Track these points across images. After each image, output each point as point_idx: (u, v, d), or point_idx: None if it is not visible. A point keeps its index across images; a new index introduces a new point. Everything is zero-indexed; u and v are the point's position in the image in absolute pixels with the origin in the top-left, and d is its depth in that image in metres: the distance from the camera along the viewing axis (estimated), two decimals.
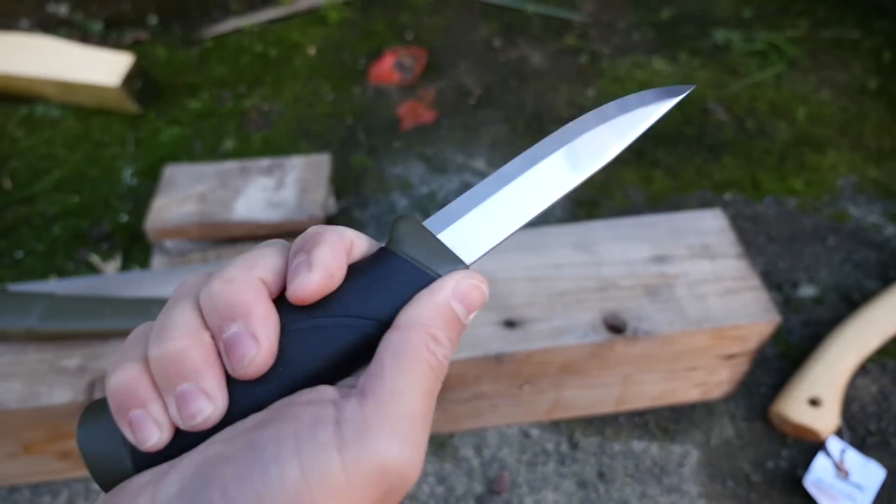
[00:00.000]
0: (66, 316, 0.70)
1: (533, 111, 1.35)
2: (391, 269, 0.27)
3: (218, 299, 0.25)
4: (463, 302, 0.27)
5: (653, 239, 0.83)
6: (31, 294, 0.70)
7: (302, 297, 0.25)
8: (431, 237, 0.29)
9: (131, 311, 0.72)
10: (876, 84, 1.38)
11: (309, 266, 0.26)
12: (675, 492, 0.82)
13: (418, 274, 0.27)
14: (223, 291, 0.25)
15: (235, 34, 1.57)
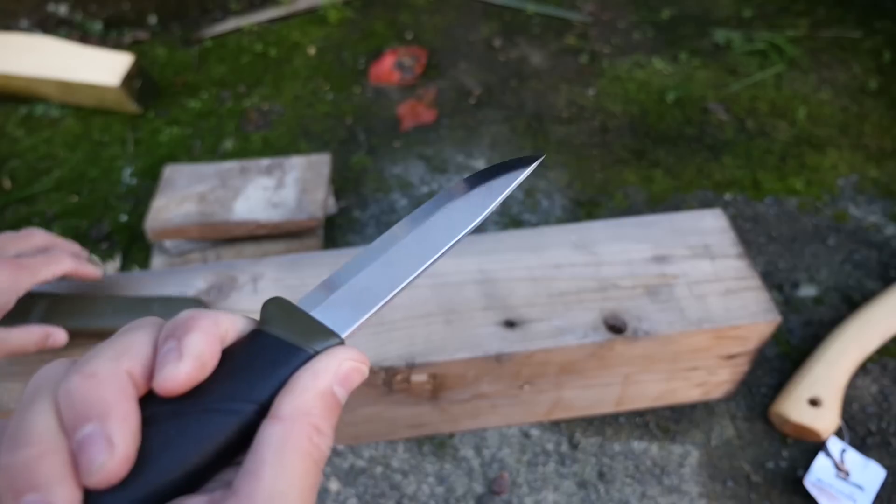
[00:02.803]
0: (67, 315, 0.70)
1: (533, 111, 1.35)
2: (265, 349, 0.26)
3: (75, 396, 0.23)
4: (343, 385, 0.26)
5: (653, 239, 0.83)
6: (32, 294, 0.70)
7: (169, 389, 0.24)
8: (303, 314, 0.28)
9: (132, 309, 0.72)
10: (876, 84, 1.38)
11: (178, 355, 0.24)
12: (676, 492, 0.82)
13: (294, 351, 0.26)
14: (81, 387, 0.23)
15: (235, 34, 1.57)
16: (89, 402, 0.23)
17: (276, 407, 0.25)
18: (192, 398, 0.24)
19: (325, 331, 0.28)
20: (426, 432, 0.86)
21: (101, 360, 0.24)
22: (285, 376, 0.26)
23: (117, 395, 0.23)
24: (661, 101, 1.36)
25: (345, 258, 0.81)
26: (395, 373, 0.73)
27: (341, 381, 0.26)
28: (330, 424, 0.25)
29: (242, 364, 0.26)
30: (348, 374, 0.26)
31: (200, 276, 0.79)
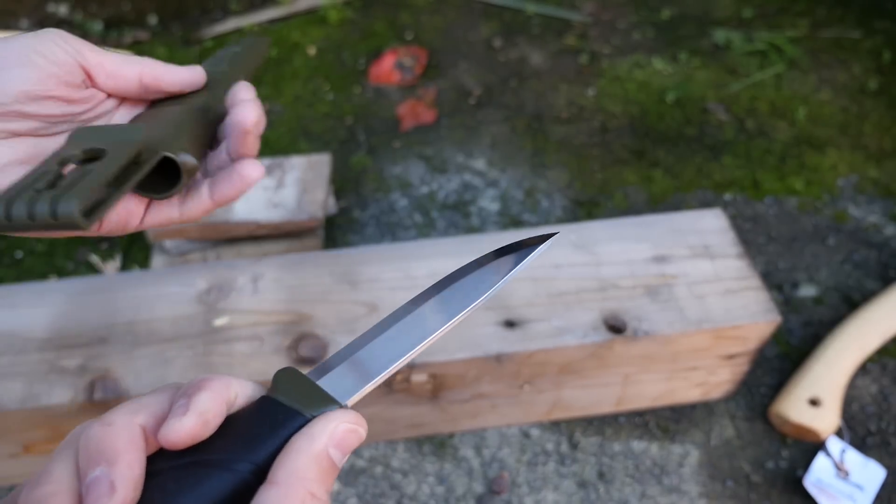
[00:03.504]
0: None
1: (533, 111, 1.35)
2: (267, 414, 0.27)
3: (91, 443, 0.25)
4: (339, 447, 0.27)
5: (653, 239, 0.83)
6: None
7: (172, 441, 0.25)
8: (309, 382, 0.30)
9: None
10: (876, 84, 1.38)
11: (185, 410, 0.25)
12: (675, 492, 0.82)
13: (294, 416, 0.28)
14: (97, 435, 0.25)
15: (235, 34, 1.57)
16: (101, 449, 0.25)
17: (272, 472, 0.25)
18: (195, 455, 0.26)
19: (327, 398, 0.29)
20: (426, 432, 0.86)
21: (119, 413, 0.26)
22: (283, 439, 0.27)
23: (127, 444, 0.25)
24: (661, 102, 1.36)
25: (344, 258, 0.81)
26: (395, 373, 0.73)
27: (337, 443, 0.27)
28: (325, 489, 0.26)
29: (245, 426, 0.27)
30: (344, 437, 0.27)
31: (200, 275, 0.79)
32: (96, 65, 0.38)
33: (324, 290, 0.78)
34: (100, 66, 0.38)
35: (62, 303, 0.76)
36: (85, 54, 0.38)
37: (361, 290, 0.78)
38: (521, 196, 1.18)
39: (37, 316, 0.75)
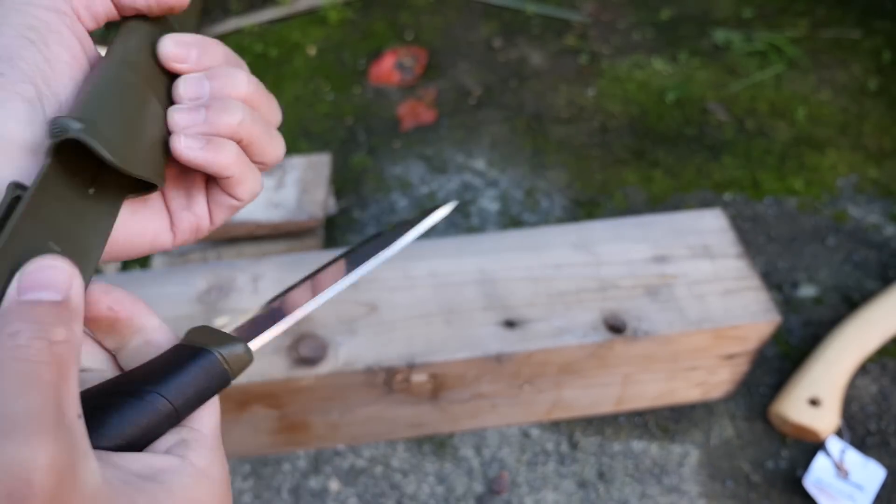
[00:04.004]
0: None
1: (533, 111, 1.35)
2: (177, 353, 0.30)
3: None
4: (35, 288, 0.24)
5: (653, 239, 0.83)
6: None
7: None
8: (217, 330, 0.31)
9: None
10: (876, 84, 1.38)
11: None
12: (675, 492, 0.82)
13: (201, 352, 0.30)
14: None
15: (235, 34, 1.57)
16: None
17: None
18: (115, 387, 0.28)
19: (232, 338, 0.31)
20: (426, 432, 0.86)
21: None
22: (190, 371, 0.29)
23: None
24: (661, 102, 1.36)
25: None
26: (395, 373, 0.73)
27: (27, 286, 0.24)
28: (27, 321, 0.23)
29: (157, 364, 0.29)
30: (32, 278, 0.25)
31: (201, 275, 0.79)
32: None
33: None
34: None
35: None
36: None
37: (361, 290, 0.78)
38: (521, 196, 1.18)
39: None
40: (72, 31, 0.31)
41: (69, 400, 0.23)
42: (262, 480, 0.84)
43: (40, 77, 0.29)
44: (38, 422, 0.22)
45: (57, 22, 0.30)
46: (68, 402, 0.23)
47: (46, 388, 0.23)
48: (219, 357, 0.30)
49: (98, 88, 0.29)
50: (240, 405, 0.74)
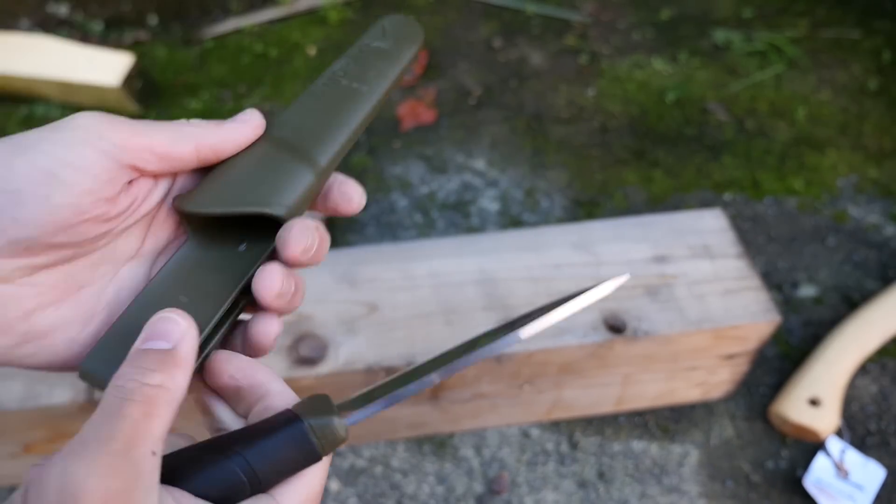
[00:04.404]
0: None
1: (533, 111, 1.35)
2: (275, 418, 0.31)
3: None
4: (151, 339, 0.28)
5: (653, 239, 0.83)
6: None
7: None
8: (325, 398, 0.32)
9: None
10: (876, 84, 1.38)
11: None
12: (675, 492, 0.82)
13: (292, 418, 0.30)
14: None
15: (235, 34, 1.57)
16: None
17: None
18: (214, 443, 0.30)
19: (330, 409, 0.31)
20: (426, 432, 0.86)
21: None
22: (277, 436, 0.30)
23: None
24: (661, 102, 1.36)
25: (344, 258, 0.81)
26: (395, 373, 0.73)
27: (146, 338, 0.29)
28: (135, 368, 0.27)
29: (256, 427, 0.30)
30: (151, 330, 0.29)
31: None
32: (143, 150, 0.30)
33: (324, 289, 0.78)
34: (148, 153, 0.30)
35: None
36: (128, 146, 0.29)
37: (361, 289, 0.78)
38: (521, 196, 1.18)
39: None
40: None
41: (146, 436, 0.25)
42: None
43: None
44: (104, 449, 0.25)
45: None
46: (144, 438, 0.25)
47: (123, 422, 0.25)
48: (307, 427, 0.29)
49: (222, 165, 0.34)
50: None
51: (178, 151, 0.31)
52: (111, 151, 0.29)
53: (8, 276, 0.28)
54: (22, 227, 0.27)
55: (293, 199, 0.34)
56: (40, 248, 0.28)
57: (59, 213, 0.28)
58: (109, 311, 0.32)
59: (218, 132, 0.33)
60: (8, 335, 0.29)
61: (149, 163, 0.30)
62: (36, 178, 0.27)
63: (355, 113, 0.38)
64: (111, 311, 0.32)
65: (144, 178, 0.32)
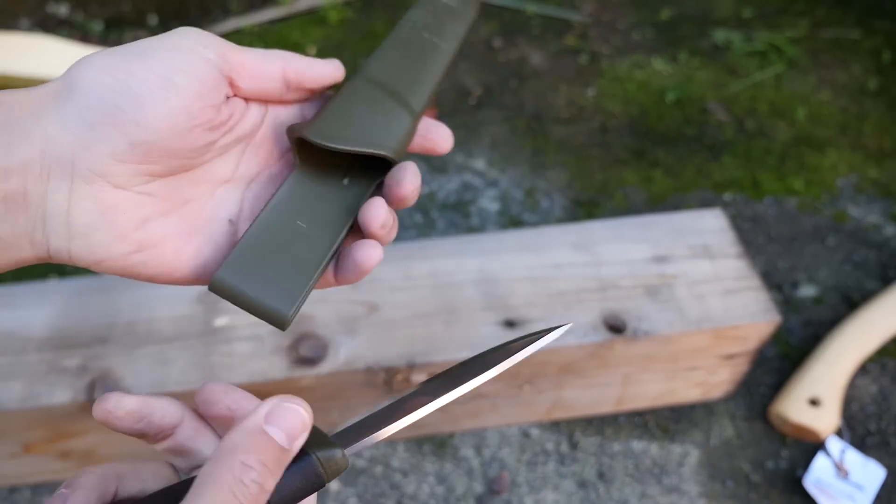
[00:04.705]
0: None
1: (533, 111, 1.35)
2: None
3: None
4: (278, 425, 0.27)
5: (653, 239, 0.83)
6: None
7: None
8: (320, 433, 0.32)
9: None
10: (876, 84, 1.38)
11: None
12: (675, 491, 0.82)
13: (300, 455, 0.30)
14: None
15: (235, 34, 1.57)
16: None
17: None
18: None
19: (328, 441, 0.31)
20: (426, 432, 0.86)
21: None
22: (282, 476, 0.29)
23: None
24: (661, 102, 1.36)
25: None
26: (395, 373, 0.73)
27: (275, 420, 0.27)
28: (259, 460, 0.26)
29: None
30: (282, 415, 0.27)
31: None
32: (238, 66, 0.32)
33: (324, 289, 0.78)
34: (242, 68, 0.32)
35: (62, 303, 0.76)
36: (228, 58, 0.32)
37: (361, 289, 0.78)
38: (521, 196, 1.18)
39: (37, 316, 0.75)
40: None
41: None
42: None
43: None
44: None
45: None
46: None
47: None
48: (315, 460, 0.30)
49: (335, 102, 0.37)
50: None
51: (267, 70, 0.33)
52: (214, 60, 0.31)
53: (126, 183, 0.29)
54: (142, 129, 0.28)
55: (400, 142, 0.37)
56: (156, 153, 0.29)
57: (174, 117, 0.29)
58: (209, 228, 0.34)
59: (303, 60, 0.35)
60: (123, 242, 0.30)
61: (242, 78, 0.33)
62: (154, 81, 0.29)
63: (437, 65, 0.41)
64: (211, 228, 0.34)
65: (237, 98, 0.34)
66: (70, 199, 0.28)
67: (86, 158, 0.28)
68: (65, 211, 0.28)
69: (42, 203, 0.28)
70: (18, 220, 0.27)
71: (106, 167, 0.28)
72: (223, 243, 0.34)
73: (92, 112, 0.28)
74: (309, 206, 0.36)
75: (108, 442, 0.76)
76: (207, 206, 0.34)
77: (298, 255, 0.35)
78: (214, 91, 0.31)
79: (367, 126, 0.36)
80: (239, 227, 0.35)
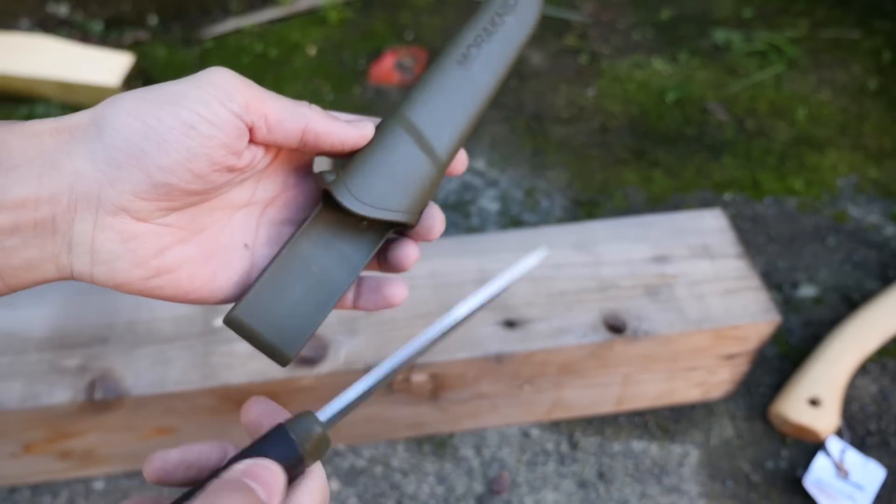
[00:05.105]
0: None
1: (533, 111, 1.35)
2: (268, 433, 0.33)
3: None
4: (250, 476, 0.30)
5: (653, 239, 0.83)
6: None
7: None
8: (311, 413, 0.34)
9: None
10: (876, 84, 1.38)
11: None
12: (675, 492, 0.82)
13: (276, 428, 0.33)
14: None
15: (235, 34, 1.57)
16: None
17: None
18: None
19: (307, 412, 0.33)
20: (426, 432, 0.86)
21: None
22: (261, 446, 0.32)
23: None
24: (661, 102, 1.36)
25: None
26: (395, 373, 0.73)
27: (248, 474, 0.30)
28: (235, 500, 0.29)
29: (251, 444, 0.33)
30: (252, 469, 0.30)
31: None
32: (259, 118, 0.33)
33: None
34: (262, 120, 0.33)
35: (62, 303, 0.76)
36: (251, 107, 0.32)
37: None
38: (521, 196, 1.18)
39: (37, 316, 0.75)
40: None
41: None
42: None
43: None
44: None
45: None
46: None
47: None
48: (287, 427, 0.32)
49: (366, 153, 0.37)
50: (240, 405, 0.74)
51: (287, 127, 0.34)
52: (238, 112, 0.32)
53: (148, 216, 0.31)
54: (166, 172, 0.30)
55: (423, 202, 0.38)
56: (177, 193, 0.31)
57: (195, 163, 0.31)
58: (226, 253, 0.36)
59: (328, 124, 0.35)
60: (143, 268, 0.32)
61: (260, 130, 0.33)
62: (179, 129, 0.30)
63: (479, 101, 0.43)
64: (227, 253, 0.36)
65: (254, 144, 0.34)
66: (94, 229, 0.30)
67: (111, 195, 0.30)
68: (89, 239, 0.30)
69: (68, 231, 0.30)
70: (46, 245, 0.30)
71: (129, 203, 0.30)
72: (239, 268, 0.36)
73: (119, 153, 0.30)
74: (326, 248, 0.37)
75: (107, 442, 0.76)
76: (224, 232, 0.36)
77: (309, 300, 0.37)
78: (236, 140, 0.32)
79: (393, 185, 0.37)
80: (254, 252, 0.37)
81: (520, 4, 0.43)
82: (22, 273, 0.30)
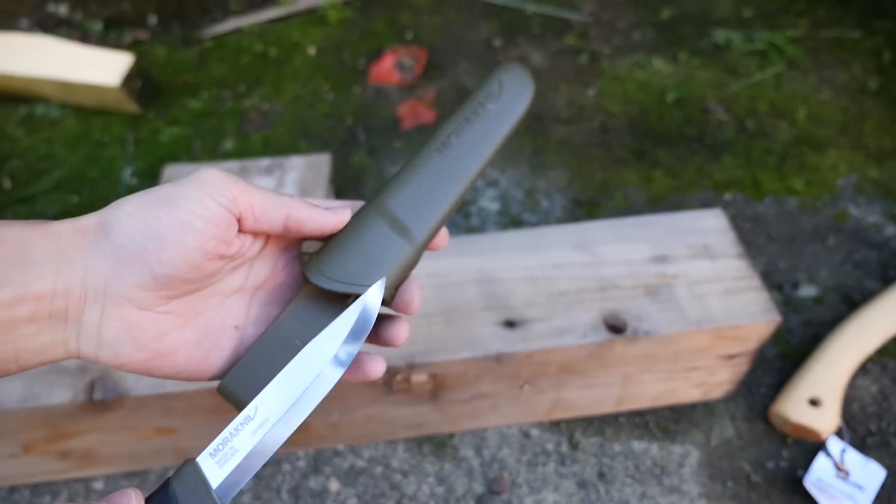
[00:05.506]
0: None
1: (533, 111, 1.35)
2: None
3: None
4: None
5: (653, 239, 0.83)
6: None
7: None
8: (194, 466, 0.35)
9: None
10: (876, 84, 1.38)
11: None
12: (676, 492, 0.82)
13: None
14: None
15: (235, 34, 1.57)
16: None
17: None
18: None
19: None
20: (426, 432, 0.86)
21: None
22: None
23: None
24: (661, 101, 1.36)
25: None
26: (395, 373, 0.73)
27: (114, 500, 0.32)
28: None
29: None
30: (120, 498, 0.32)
31: None
32: (246, 209, 0.37)
33: None
34: (249, 210, 0.37)
35: None
36: (238, 200, 0.36)
37: None
38: (521, 196, 1.18)
39: None
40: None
41: None
42: (261, 481, 0.84)
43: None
44: None
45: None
46: None
47: None
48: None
49: (340, 236, 0.41)
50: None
51: (270, 216, 0.38)
52: (227, 204, 0.36)
53: (149, 305, 0.35)
54: (165, 265, 0.34)
55: (396, 278, 0.40)
56: (175, 282, 0.35)
57: (191, 254, 0.35)
58: (217, 336, 0.39)
59: (309, 212, 0.39)
60: (144, 352, 0.36)
61: (247, 220, 0.37)
62: (176, 227, 0.34)
63: (458, 185, 0.44)
64: (218, 335, 0.39)
65: (241, 233, 0.38)
66: (101, 318, 0.34)
67: (117, 287, 0.34)
68: (96, 326, 0.34)
69: (78, 319, 0.34)
70: (58, 332, 0.33)
71: (132, 294, 0.34)
72: (228, 348, 0.40)
73: (124, 251, 0.34)
74: (311, 324, 0.40)
75: (107, 442, 0.76)
76: (217, 317, 0.39)
77: None
78: (227, 231, 0.36)
79: (364, 263, 0.40)
80: (244, 331, 0.40)
81: (505, 94, 0.45)
82: (35, 356, 0.33)
